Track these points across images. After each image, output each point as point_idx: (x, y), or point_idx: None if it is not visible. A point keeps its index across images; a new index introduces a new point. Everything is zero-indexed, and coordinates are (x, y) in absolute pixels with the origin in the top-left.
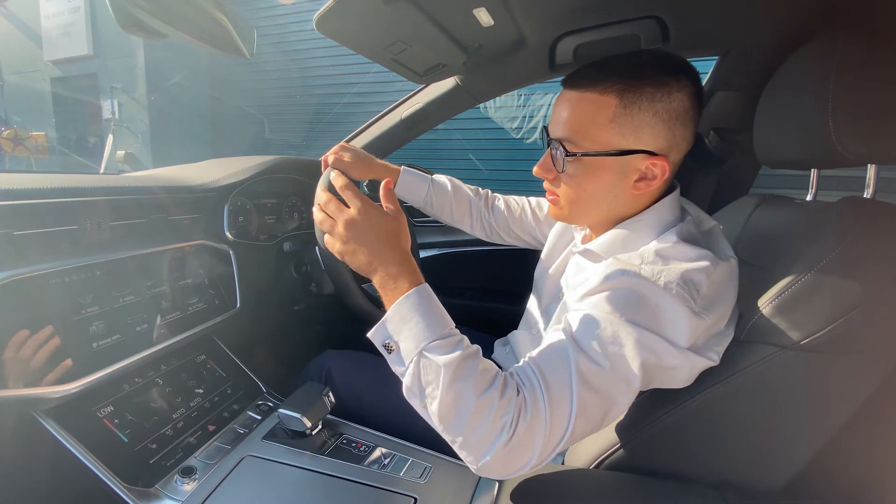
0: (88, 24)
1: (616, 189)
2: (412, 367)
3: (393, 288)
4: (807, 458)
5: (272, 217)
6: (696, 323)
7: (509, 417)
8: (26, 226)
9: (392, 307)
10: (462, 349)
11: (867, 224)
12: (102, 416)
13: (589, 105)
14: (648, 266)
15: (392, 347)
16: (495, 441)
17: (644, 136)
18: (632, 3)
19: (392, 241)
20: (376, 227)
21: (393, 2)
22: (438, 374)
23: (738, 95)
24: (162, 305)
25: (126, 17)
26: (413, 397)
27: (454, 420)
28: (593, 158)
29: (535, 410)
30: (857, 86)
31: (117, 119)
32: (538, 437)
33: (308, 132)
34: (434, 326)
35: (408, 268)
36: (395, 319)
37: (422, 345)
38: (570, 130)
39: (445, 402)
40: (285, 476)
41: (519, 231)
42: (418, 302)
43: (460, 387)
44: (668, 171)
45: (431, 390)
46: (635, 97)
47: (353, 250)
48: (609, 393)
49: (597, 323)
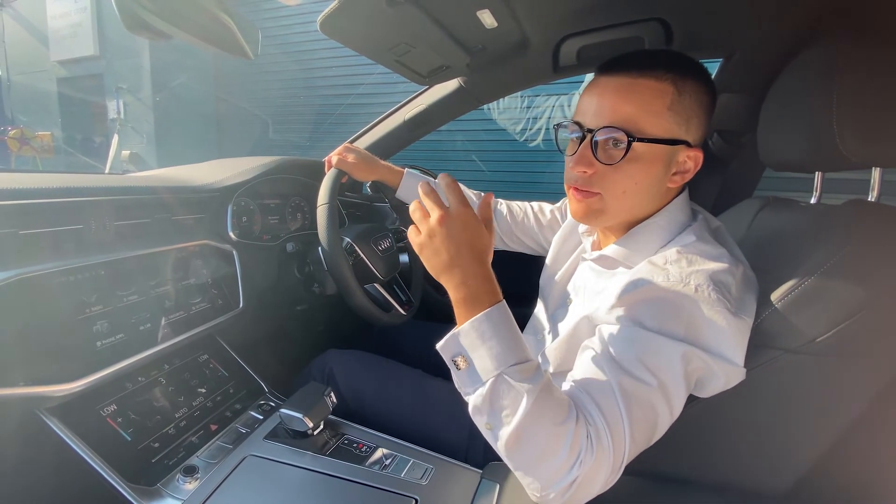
0: (95, 25)
1: (659, 182)
2: (487, 389)
3: (472, 301)
4: (811, 461)
5: (275, 217)
6: (737, 323)
7: (582, 449)
8: (31, 225)
9: (470, 321)
10: (542, 377)
11: (872, 227)
12: (106, 414)
13: (645, 91)
14: (674, 267)
15: (461, 364)
16: (567, 475)
17: (692, 127)
18: (636, 5)
19: (481, 253)
20: (469, 233)
21: (397, 4)
22: (518, 400)
23: (742, 98)
24: (165, 305)
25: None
26: (480, 417)
27: (527, 448)
28: (648, 148)
29: (599, 442)
30: (861, 88)
31: (123, 119)
32: (604, 468)
33: (312, 133)
34: (515, 350)
35: (492, 284)
36: (472, 335)
37: (502, 367)
38: (625, 118)
39: (521, 430)
40: (287, 476)
41: (522, 236)
42: (500, 321)
43: (539, 416)
44: (699, 164)
45: (506, 415)
46: (686, 86)
47: (437, 249)
48: (656, 409)
49: (634, 338)
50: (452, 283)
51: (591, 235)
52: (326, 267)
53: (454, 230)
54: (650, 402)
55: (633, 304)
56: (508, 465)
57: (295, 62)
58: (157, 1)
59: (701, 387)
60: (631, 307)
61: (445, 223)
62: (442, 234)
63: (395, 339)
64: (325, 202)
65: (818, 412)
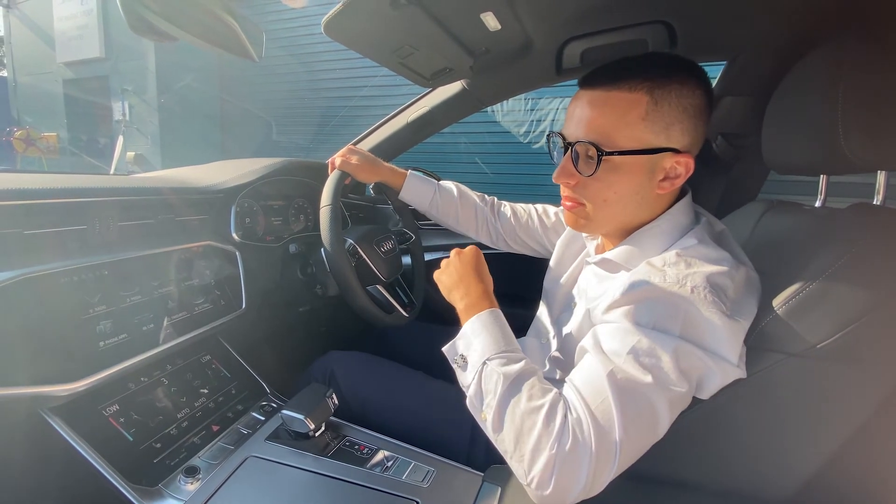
0: (101, 27)
1: (644, 190)
2: (476, 377)
3: (471, 308)
4: (814, 467)
5: (279, 219)
6: (732, 325)
7: (556, 429)
8: (36, 225)
9: (466, 324)
10: (524, 365)
11: (876, 231)
12: (108, 414)
13: (618, 103)
14: (672, 269)
15: (461, 363)
16: (543, 454)
17: (674, 133)
18: (640, 7)
19: (481, 274)
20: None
21: (401, 6)
22: (497, 382)
23: (747, 100)
24: (168, 305)
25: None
26: (475, 409)
27: (506, 428)
28: (624, 158)
29: (580, 428)
30: (866, 91)
31: (128, 121)
32: (585, 455)
33: (316, 135)
34: (500, 342)
35: (488, 296)
36: (467, 335)
37: (486, 355)
38: (599, 131)
39: (500, 411)
40: (288, 477)
41: (525, 238)
42: (489, 320)
43: (515, 394)
44: (691, 169)
45: (489, 399)
46: (665, 93)
47: (450, 273)
48: (652, 404)
49: (629, 336)
50: (458, 295)
51: (594, 239)
52: (329, 268)
53: (464, 260)
54: (645, 396)
55: (630, 303)
56: (497, 448)
57: (299, 64)
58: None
59: (700, 387)
60: (627, 306)
61: (458, 256)
62: (455, 263)
63: (397, 341)
64: (329, 204)
65: (821, 417)
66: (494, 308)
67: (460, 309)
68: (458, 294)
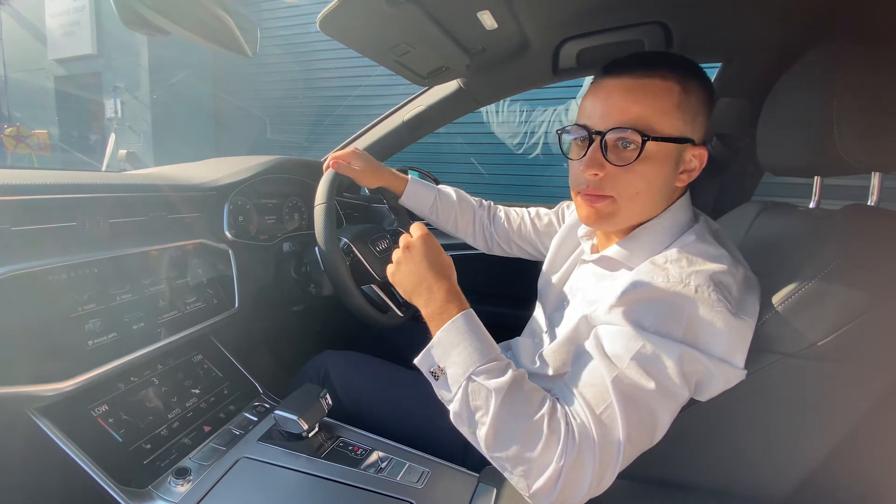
0: (93, 24)
1: (669, 182)
2: (461, 393)
3: (440, 313)
4: (811, 467)
5: (272, 217)
6: (739, 325)
7: (560, 439)
8: (24, 221)
9: (439, 332)
10: (511, 373)
11: (871, 232)
12: (97, 415)
13: (653, 90)
14: (674, 267)
15: (438, 374)
16: (548, 466)
17: (697, 125)
18: (636, 8)
19: (444, 269)
20: (431, 255)
21: (397, 3)
22: (489, 399)
23: (742, 102)
24: (159, 304)
25: (129, 13)
26: (461, 424)
27: (505, 443)
28: (659, 148)
29: (585, 435)
30: (860, 93)
31: (120, 118)
32: (589, 463)
33: (311, 133)
34: (482, 351)
35: (456, 296)
36: (442, 344)
37: (470, 370)
38: (635, 118)
39: (496, 427)
40: (281, 479)
41: (520, 242)
42: (465, 327)
43: (511, 410)
44: (704, 162)
45: (481, 416)
46: (690, 85)
47: (405, 273)
48: (654, 410)
49: (632, 338)
50: (421, 300)
51: (590, 239)
52: (323, 267)
53: (416, 255)
54: (647, 402)
55: (633, 304)
56: (495, 465)
57: (295, 61)
58: None
59: (700, 390)
60: (630, 307)
61: (409, 250)
62: (407, 259)
63: (391, 341)
64: (323, 202)
65: (818, 417)
66: (465, 309)
67: (426, 314)
68: (422, 299)
